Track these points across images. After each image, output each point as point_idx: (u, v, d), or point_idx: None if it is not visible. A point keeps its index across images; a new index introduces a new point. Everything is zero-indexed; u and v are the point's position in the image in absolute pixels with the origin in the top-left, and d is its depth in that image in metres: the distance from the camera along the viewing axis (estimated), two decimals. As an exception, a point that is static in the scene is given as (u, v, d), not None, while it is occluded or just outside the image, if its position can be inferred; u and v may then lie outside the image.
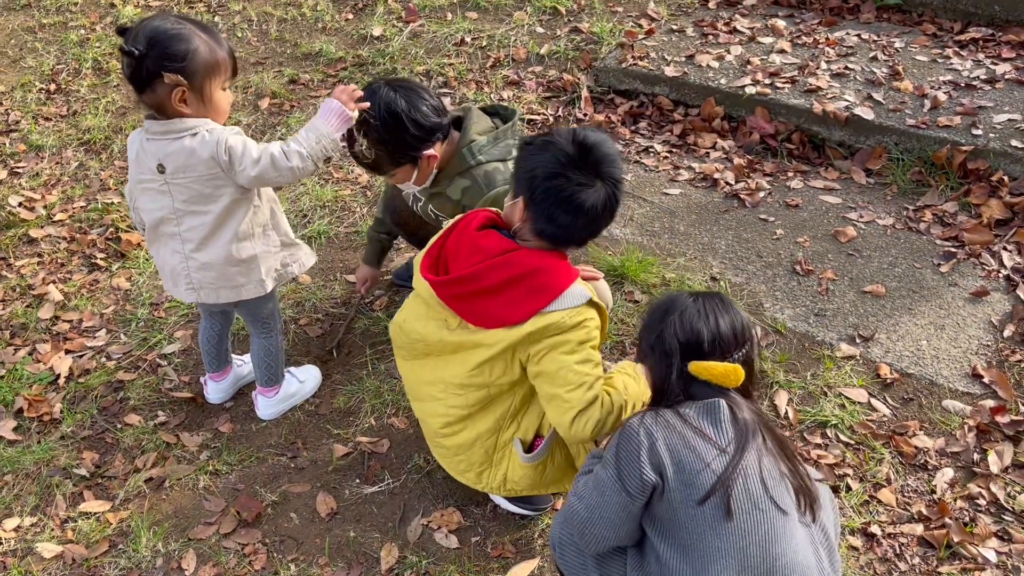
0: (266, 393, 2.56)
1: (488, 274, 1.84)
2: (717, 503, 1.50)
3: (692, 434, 1.56)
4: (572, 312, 1.83)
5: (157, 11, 4.79)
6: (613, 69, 3.93)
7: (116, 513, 2.33)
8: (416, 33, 4.33)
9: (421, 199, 2.52)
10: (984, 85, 3.53)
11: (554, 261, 1.87)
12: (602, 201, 1.82)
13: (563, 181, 1.80)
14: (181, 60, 1.95)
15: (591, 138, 1.83)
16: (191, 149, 2.02)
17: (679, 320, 1.65)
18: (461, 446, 2.06)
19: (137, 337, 2.90)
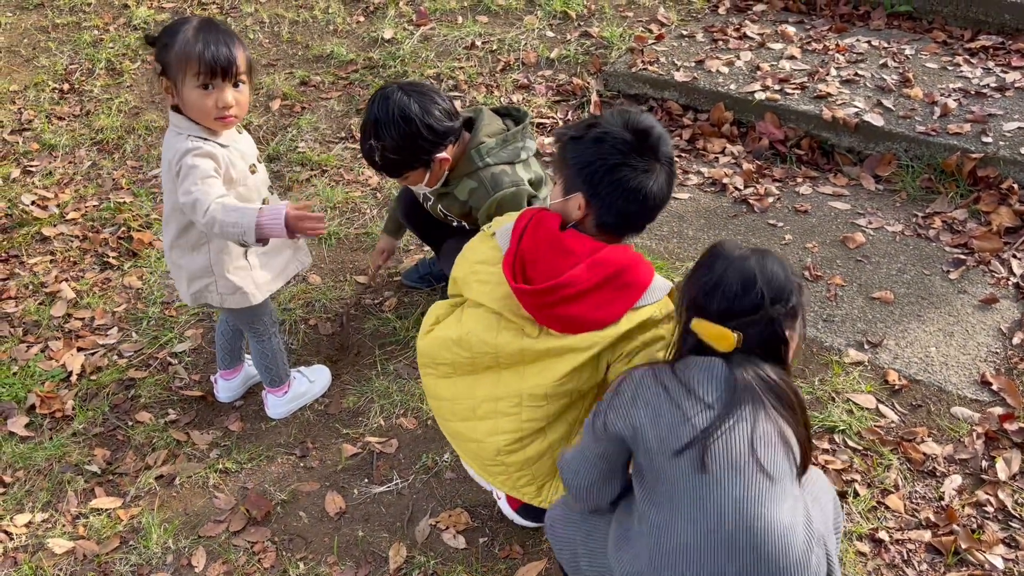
0: (275, 392, 2.57)
1: (583, 276, 1.74)
2: (693, 457, 1.47)
3: (679, 389, 1.53)
4: (661, 305, 1.79)
5: (170, 12, 4.83)
6: (623, 74, 3.94)
7: (127, 510, 2.35)
8: (427, 36, 4.35)
9: (431, 198, 2.54)
10: (994, 93, 3.53)
11: (635, 256, 1.80)
12: (665, 183, 1.80)
13: (628, 172, 1.75)
14: (162, 50, 2.03)
15: (643, 122, 1.79)
16: (172, 144, 2.09)
17: (696, 273, 1.59)
18: (529, 459, 1.93)
19: (148, 335, 2.92)
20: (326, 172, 3.64)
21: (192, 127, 2.09)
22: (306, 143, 3.82)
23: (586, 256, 1.76)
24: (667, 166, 1.80)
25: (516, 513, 2.22)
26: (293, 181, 3.60)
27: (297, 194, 3.50)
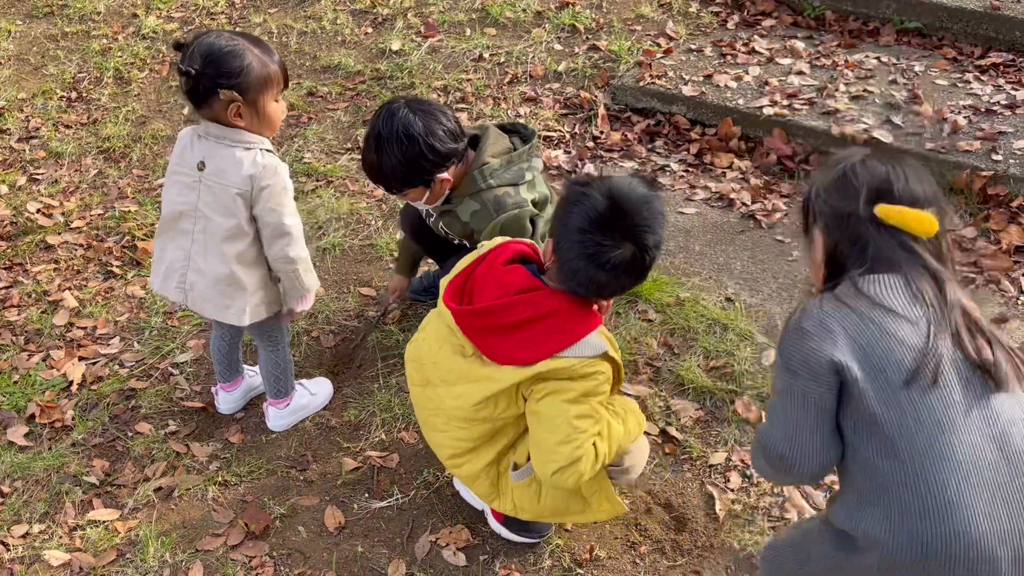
0: (276, 405, 2.55)
1: (508, 311, 1.79)
2: (926, 382, 1.33)
3: (879, 312, 1.37)
4: (585, 362, 1.78)
5: (179, 22, 4.84)
6: (630, 87, 3.93)
7: (124, 522, 2.33)
8: (434, 48, 4.34)
9: (432, 214, 2.52)
10: (1005, 110, 3.51)
11: (575, 306, 1.80)
12: (626, 262, 1.73)
13: (588, 238, 1.72)
14: (236, 77, 2.02)
15: (631, 198, 1.73)
16: (238, 159, 2.09)
17: (862, 164, 1.47)
18: (468, 477, 2.03)
19: (150, 345, 2.90)
20: (332, 183, 3.63)
21: (261, 140, 2.13)
22: (312, 154, 3.81)
23: (515, 293, 1.79)
24: (640, 250, 1.73)
25: (502, 527, 2.20)
26: (298, 191, 3.59)
27: (302, 204, 3.49)
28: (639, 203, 1.73)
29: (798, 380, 1.42)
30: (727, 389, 2.59)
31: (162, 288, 2.28)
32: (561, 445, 1.80)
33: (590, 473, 1.83)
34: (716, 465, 2.40)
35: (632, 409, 2.00)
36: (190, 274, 2.22)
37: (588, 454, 1.81)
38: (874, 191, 1.44)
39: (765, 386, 2.58)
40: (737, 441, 2.46)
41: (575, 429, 1.79)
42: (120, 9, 4.97)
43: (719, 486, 2.34)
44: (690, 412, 2.55)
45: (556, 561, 2.17)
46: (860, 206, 1.44)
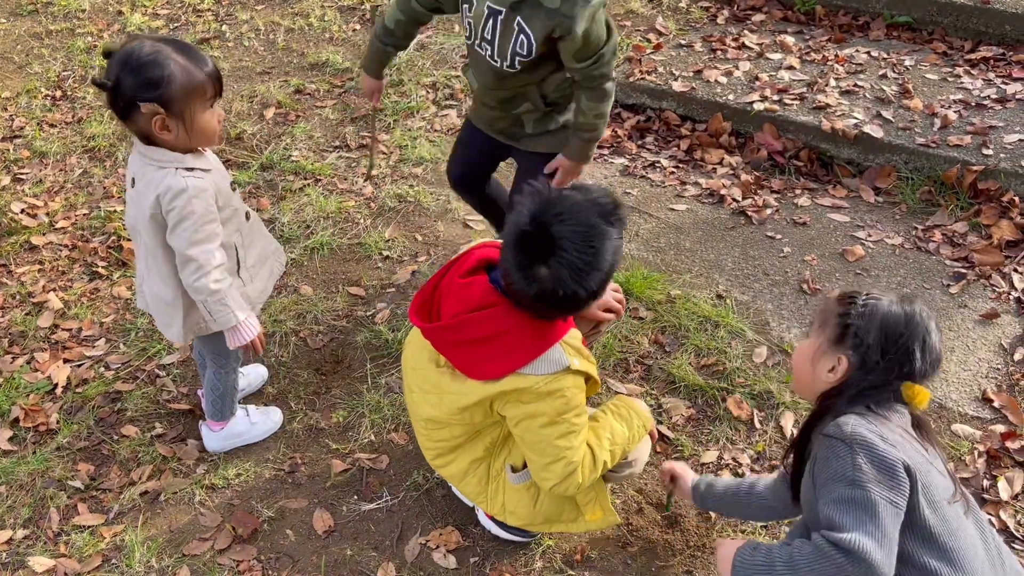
0: (212, 427, 2.47)
1: (464, 329, 1.75)
2: (961, 502, 1.51)
3: (906, 435, 1.52)
4: (547, 379, 1.73)
5: (164, 19, 4.79)
6: (621, 83, 3.91)
7: (110, 527, 2.30)
8: (423, 44, 4.31)
9: (500, 9, 2.13)
10: (995, 104, 3.50)
11: (532, 322, 1.74)
12: (547, 288, 1.61)
13: (510, 257, 1.64)
14: (156, 88, 1.87)
15: (548, 222, 1.59)
16: (152, 179, 1.97)
17: (927, 341, 1.57)
18: (454, 477, 2.02)
19: (136, 347, 2.87)
20: (320, 181, 3.60)
21: (178, 159, 1.98)
22: (300, 152, 3.78)
23: (470, 310, 1.74)
24: (551, 279, 1.59)
25: (494, 523, 2.18)
26: (286, 190, 3.56)
27: (291, 203, 3.46)
28: (571, 232, 1.59)
29: (883, 489, 1.44)
30: (718, 387, 2.57)
31: (137, 292, 2.30)
32: (552, 464, 1.80)
33: (590, 479, 1.84)
34: (708, 463, 2.39)
35: (637, 411, 1.97)
36: (144, 286, 2.20)
37: (581, 466, 1.81)
38: (915, 366, 1.56)
39: (756, 383, 2.57)
40: (728, 439, 2.44)
41: (560, 449, 1.78)
42: (105, 6, 4.92)
43: (711, 485, 2.33)
44: (681, 410, 2.53)
45: (547, 562, 2.16)
46: (894, 380, 1.57)
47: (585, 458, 1.81)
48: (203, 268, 2.02)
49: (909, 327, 1.56)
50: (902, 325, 1.56)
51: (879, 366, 1.56)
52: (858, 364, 1.58)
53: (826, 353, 1.62)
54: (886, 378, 1.55)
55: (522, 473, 1.96)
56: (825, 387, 1.63)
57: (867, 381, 1.56)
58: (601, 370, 2.66)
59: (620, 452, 1.90)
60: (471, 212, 3.37)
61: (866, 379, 1.56)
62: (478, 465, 1.99)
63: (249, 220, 2.22)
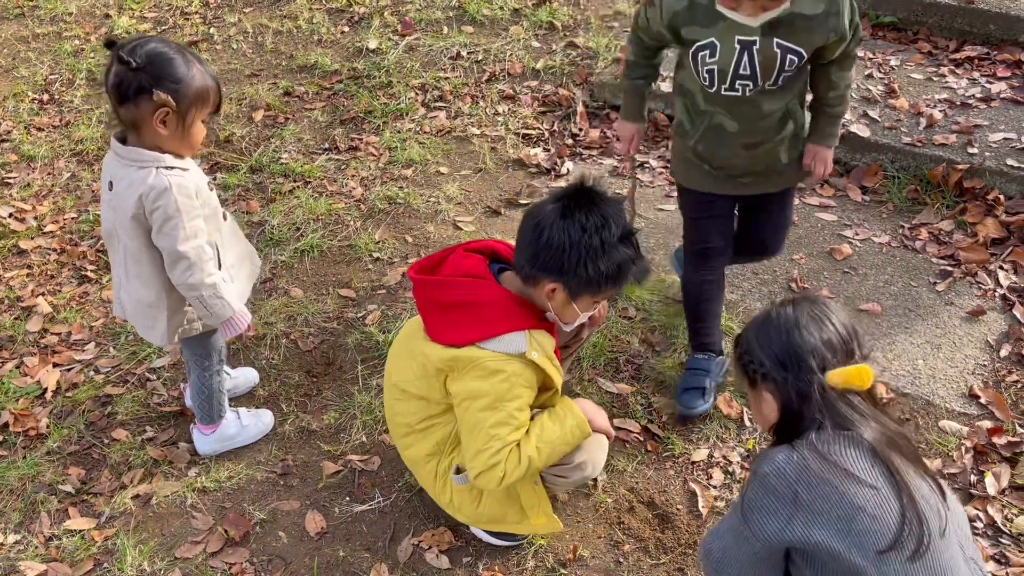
0: (202, 430, 2.46)
1: (449, 288, 1.86)
2: (903, 550, 1.39)
3: (840, 478, 1.41)
4: (500, 358, 1.80)
5: (152, 22, 4.78)
6: (609, 84, 3.92)
7: (101, 531, 2.29)
8: (412, 47, 4.32)
9: (752, 39, 2.06)
10: (980, 104, 3.53)
11: (509, 303, 1.84)
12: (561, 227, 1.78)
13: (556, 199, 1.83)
14: (176, 83, 1.94)
15: (550, 224, 1.78)
16: (132, 179, 1.99)
17: (808, 329, 1.50)
18: (413, 462, 2.11)
19: (126, 350, 2.86)
20: (309, 183, 3.60)
21: (158, 158, 1.99)
22: (289, 154, 3.78)
23: (461, 274, 1.87)
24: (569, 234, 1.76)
25: (481, 530, 2.19)
26: (276, 192, 3.56)
27: (280, 205, 3.46)
28: (554, 230, 1.77)
29: (754, 544, 1.48)
30: (708, 385, 2.58)
31: (114, 299, 2.30)
32: (479, 453, 1.84)
33: (515, 475, 1.84)
34: (698, 462, 2.40)
35: (573, 411, 1.94)
36: (121, 293, 2.21)
37: (504, 461, 1.83)
38: (819, 358, 1.48)
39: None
40: (719, 437, 2.46)
41: (491, 438, 1.82)
42: (92, 10, 4.91)
43: (701, 483, 2.34)
44: (672, 409, 2.54)
45: (540, 561, 2.16)
46: (813, 381, 1.48)
47: (511, 454, 1.83)
48: (196, 264, 2.05)
49: (776, 329, 1.53)
50: (771, 332, 1.54)
51: (788, 381, 1.50)
52: (779, 391, 1.53)
53: (758, 400, 1.59)
54: (806, 387, 1.48)
55: (464, 475, 2.00)
56: None
57: (795, 400, 1.50)
58: (592, 369, 2.68)
59: (549, 452, 1.88)
60: (461, 214, 3.38)
61: (793, 399, 1.50)
62: (429, 459, 2.05)
63: (226, 220, 2.24)
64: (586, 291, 1.82)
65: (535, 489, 2.03)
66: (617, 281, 1.81)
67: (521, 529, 2.09)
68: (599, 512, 2.28)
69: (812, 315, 1.52)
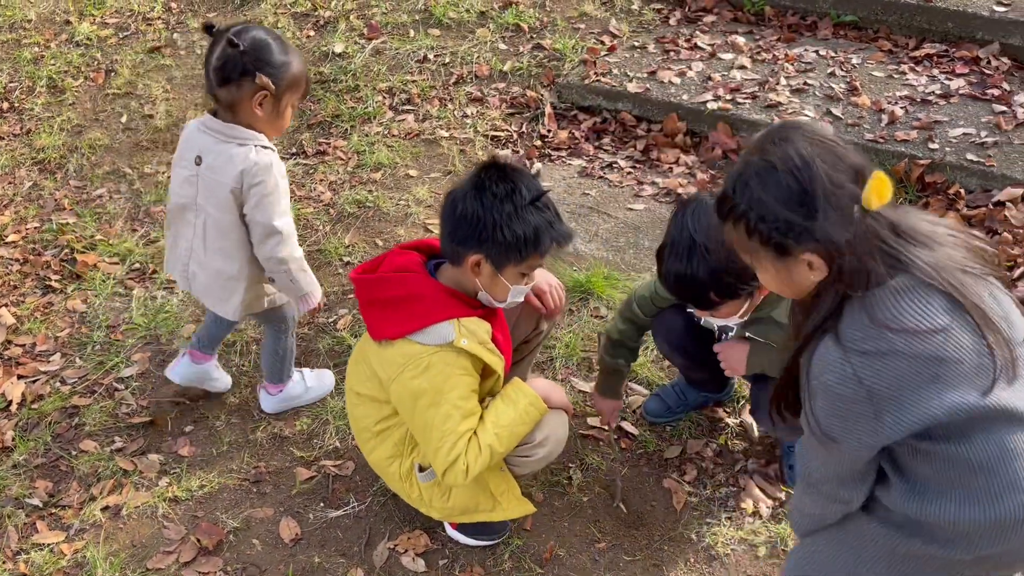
0: (270, 389, 2.56)
1: (381, 285, 1.91)
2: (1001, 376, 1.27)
3: (905, 341, 1.25)
4: (430, 350, 1.83)
5: (114, 27, 4.72)
6: (576, 85, 3.94)
7: (71, 544, 2.26)
8: (378, 50, 4.30)
9: (731, 328, 2.12)
10: (939, 100, 3.60)
11: (437, 294, 1.87)
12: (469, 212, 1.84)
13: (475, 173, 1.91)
14: (277, 67, 2.08)
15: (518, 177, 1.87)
16: (232, 155, 2.11)
17: (822, 159, 1.27)
18: (378, 466, 2.11)
19: (93, 361, 2.82)
20: (277, 189, 3.57)
21: (256, 136, 2.13)
22: (256, 159, 3.75)
23: (394, 270, 1.92)
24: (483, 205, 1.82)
25: (458, 532, 2.20)
26: (243, 198, 3.52)
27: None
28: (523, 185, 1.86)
29: (849, 447, 1.34)
30: (680, 382, 2.60)
31: (171, 272, 2.37)
32: (437, 452, 1.85)
33: (479, 465, 1.85)
34: (672, 459, 2.42)
35: (525, 391, 1.95)
36: (192, 264, 2.27)
37: (464, 453, 1.84)
38: (851, 190, 1.27)
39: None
40: (691, 434, 2.48)
41: (444, 433, 1.83)
42: (52, 16, 4.83)
43: (675, 479, 2.36)
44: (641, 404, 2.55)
45: (516, 562, 2.17)
46: (856, 218, 1.27)
47: (470, 445, 1.84)
48: (287, 239, 2.18)
49: (790, 175, 1.29)
50: (786, 181, 1.29)
51: (834, 232, 1.27)
52: (826, 248, 1.29)
53: (788, 270, 1.36)
54: (855, 228, 1.26)
55: (428, 472, 2.02)
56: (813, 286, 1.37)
57: (850, 250, 1.27)
58: (565, 369, 2.68)
59: (508, 435, 1.89)
60: (431, 216, 3.37)
61: (845, 250, 1.28)
62: (391, 461, 2.06)
63: None
64: (508, 259, 1.85)
65: (502, 475, 2.04)
66: (536, 245, 1.84)
67: (495, 516, 2.08)
68: (575, 511, 2.29)
69: (810, 140, 1.30)
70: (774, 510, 2.26)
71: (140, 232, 3.40)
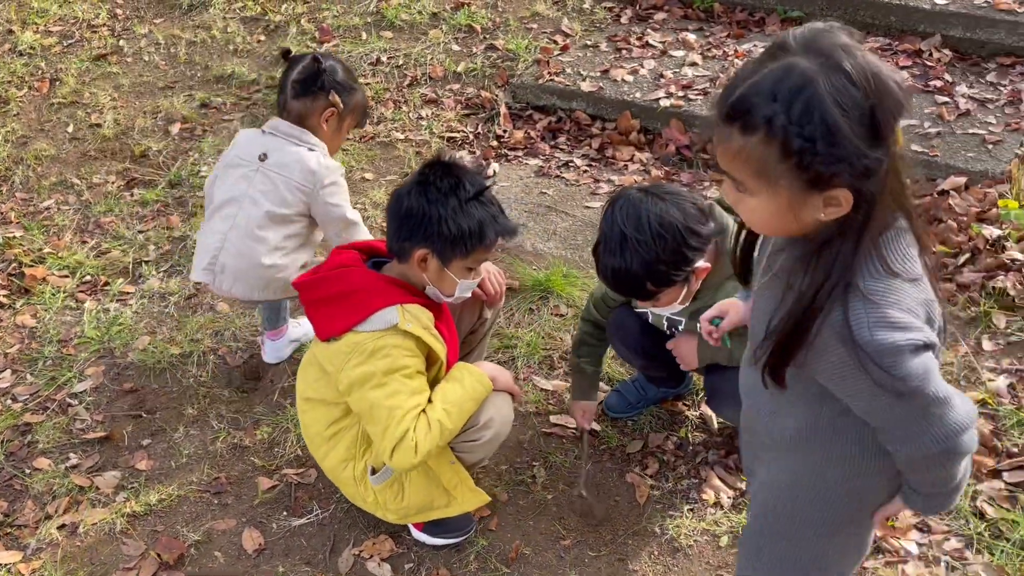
0: (271, 336, 2.69)
1: (321, 284, 1.93)
2: None
3: (916, 287, 1.18)
4: (375, 335, 1.85)
5: (57, 35, 4.62)
6: (530, 85, 3.96)
7: (28, 563, 2.21)
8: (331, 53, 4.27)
9: (680, 320, 2.15)
10: (884, 92, 3.67)
11: (378, 283, 1.90)
12: (415, 208, 1.88)
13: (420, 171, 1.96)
14: (349, 92, 2.42)
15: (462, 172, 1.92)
16: (303, 157, 2.37)
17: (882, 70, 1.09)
18: (330, 472, 2.11)
19: (45, 376, 2.76)
20: (231, 196, 3.53)
21: (321, 145, 2.42)
22: (209, 167, 3.70)
23: (333, 267, 1.94)
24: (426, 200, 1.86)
25: (423, 533, 2.19)
26: (197, 207, 3.47)
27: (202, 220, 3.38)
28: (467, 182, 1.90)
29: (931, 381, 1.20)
30: (640, 377, 2.62)
31: (194, 272, 2.48)
32: (385, 430, 1.85)
33: (429, 442, 1.85)
34: (633, 454, 2.44)
35: (470, 370, 2.00)
36: (222, 256, 2.40)
37: (412, 429, 1.84)
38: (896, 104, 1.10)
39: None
40: (652, 428, 2.50)
41: (391, 409, 1.84)
42: (-8, 25, 4.72)
43: (638, 474, 2.38)
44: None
45: (483, 562, 2.17)
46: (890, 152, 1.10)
47: (419, 421, 1.85)
48: (361, 225, 2.46)
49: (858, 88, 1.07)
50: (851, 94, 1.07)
51: (878, 163, 1.09)
52: (861, 183, 1.10)
53: (801, 203, 1.14)
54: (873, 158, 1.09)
55: (380, 474, 2.03)
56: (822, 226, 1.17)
57: (884, 187, 1.12)
58: (527, 368, 2.69)
59: (457, 411, 1.92)
60: (388, 219, 3.36)
61: (877, 188, 1.11)
62: (345, 465, 2.05)
63: None
64: (454, 253, 1.89)
65: (453, 468, 2.05)
66: (481, 239, 1.88)
67: (451, 511, 2.09)
68: (539, 509, 2.30)
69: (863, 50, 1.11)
70: (735, 500, 2.29)
71: (90, 244, 3.34)
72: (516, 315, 2.88)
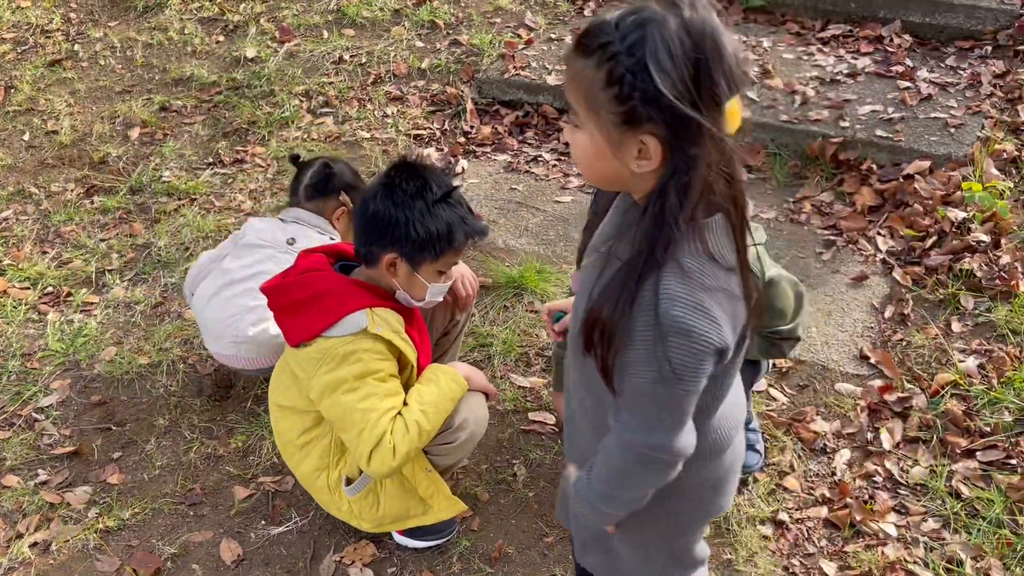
0: None
1: (292, 289, 1.90)
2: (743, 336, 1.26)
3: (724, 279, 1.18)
4: (345, 340, 1.83)
5: (11, 42, 4.50)
6: (496, 80, 3.93)
7: (-3, 586, 2.15)
8: (292, 53, 4.22)
9: None
10: (847, 79, 3.71)
11: (347, 287, 1.88)
12: (380, 212, 1.86)
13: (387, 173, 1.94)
14: (358, 192, 2.52)
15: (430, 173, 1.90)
16: (313, 239, 2.44)
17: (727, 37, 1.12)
18: (305, 480, 2.08)
19: (9, 392, 2.69)
20: (195, 200, 3.47)
21: (331, 232, 2.57)
22: (171, 171, 3.63)
23: (300, 272, 1.92)
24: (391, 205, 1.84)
25: (404, 537, 2.17)
26: (160, 213, 3.41)
27: (166, 226, 3.32)
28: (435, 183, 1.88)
29: (694, 384, 1.20)
30: (617, 371, 2.62)
31: (216, 343, 2.45)
32: (360, 434, 1.82)
33: (407, 445, 1.83)
34: (613, 447, 2.43)
35: (444, 370, 1.99)
36: (250, 330, 2.35)
37: (389, 431, 1.82)
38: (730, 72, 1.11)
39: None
40: (631, 421, 2.50)
41: (365, 412, 1.81)
42: (-59, 31, 4.59)
43: (618, 467, 2.37)
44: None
45: (466, 563, 2.15)
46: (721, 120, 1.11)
47: (395, 423, 1.83)
48: None
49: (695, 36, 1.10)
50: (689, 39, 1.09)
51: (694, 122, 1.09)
52: (676, 138, 1.11)
53: (622, 145, 1.15)
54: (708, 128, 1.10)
55: (356, 484, 2.00)
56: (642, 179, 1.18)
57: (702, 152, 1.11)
58: (503, 365, 2.68)
59: (434, 412, 1.90)
60: (357, 220, 3.32)
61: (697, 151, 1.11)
62: (318, 474, 2.03)
63: None
64: (423, 257, 1.86)
65: (429, 477, 2.03)
66: (450, 241, 1.86)
67: (427, 520, 2.08)
68: (521, 507, 2.29)
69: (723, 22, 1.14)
70: (715, 490, 2.30)
71: (51, 254, 3.26)
72: (491, 313, 2.86)
